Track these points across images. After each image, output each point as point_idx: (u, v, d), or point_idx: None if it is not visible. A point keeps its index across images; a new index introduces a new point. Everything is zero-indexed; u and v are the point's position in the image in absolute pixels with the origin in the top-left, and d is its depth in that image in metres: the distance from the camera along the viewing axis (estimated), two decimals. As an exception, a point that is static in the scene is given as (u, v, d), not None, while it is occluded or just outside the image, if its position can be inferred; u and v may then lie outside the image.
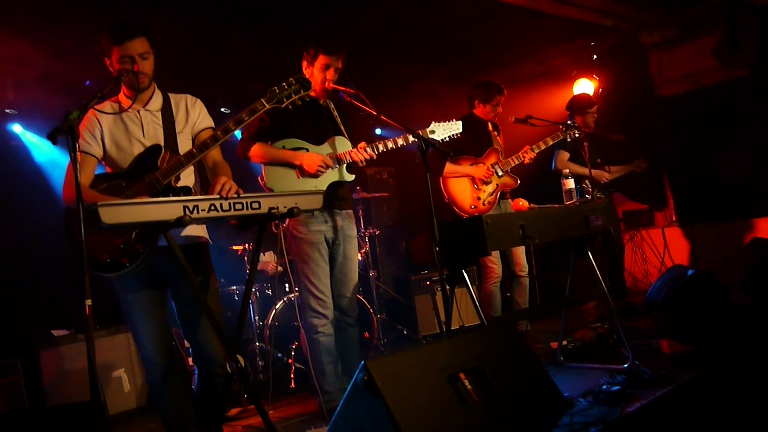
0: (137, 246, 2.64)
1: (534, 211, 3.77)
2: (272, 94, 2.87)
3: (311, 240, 3.60)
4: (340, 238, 3.70)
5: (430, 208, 3.23)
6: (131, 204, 2.34)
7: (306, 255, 3.59)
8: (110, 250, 2.65)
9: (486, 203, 4.78)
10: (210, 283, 2.94)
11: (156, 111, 2.94)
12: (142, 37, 2.76)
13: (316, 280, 3.59)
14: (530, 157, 4.82)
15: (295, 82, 2.92)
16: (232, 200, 2.54)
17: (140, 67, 2.78)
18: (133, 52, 2.75)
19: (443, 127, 3.86)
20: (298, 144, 3.63)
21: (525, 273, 4.91)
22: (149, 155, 2.80)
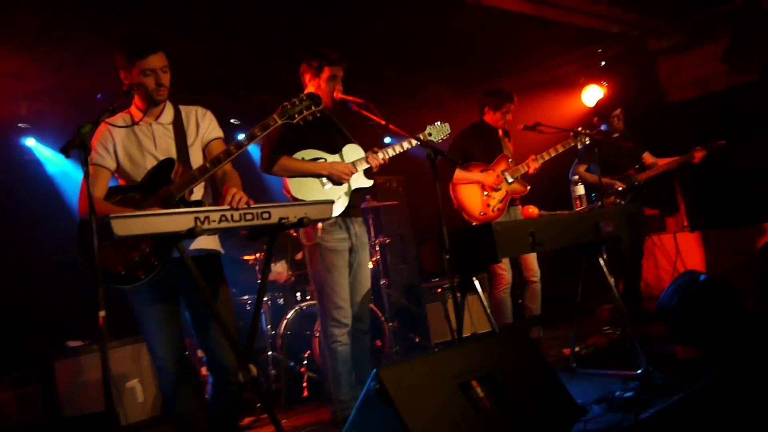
0: (152, 259, 2.65)
1: (544, 217, 3.76)
2: (284, 110, 2.89)
3: (337, 248, 3.64)
4: (357, 245, 3.73)
5: (439, 216, 3.22)
6: (143, 216, 2.35)
7: (331, 264, 3.62)
8: (125, 263, 2.67)
9: (495, 210, 4.77)
10: (222, 293, 2.96)
11: (168, 124, 2.96)
12: (162, 52, 2.81)
13: (339, 289, 3.62)
14: (534, 167, 4.81)
15: (306, 98, 2.94)
16: (242, 211, 2.55)
17: (162, 80, 2.83)
18: (156, 66, 2.79)
19: (437, 130, 3.95)
20: (316, 154, 3.68)
21: (537, 279, 4.89)
22: (162, 169, 2.82)
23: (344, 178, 3.63)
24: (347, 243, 3.67)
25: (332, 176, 3.61)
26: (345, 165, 3.65)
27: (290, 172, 3.61)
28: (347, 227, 3.68)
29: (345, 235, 3.66)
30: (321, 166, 3.63)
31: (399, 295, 6.47)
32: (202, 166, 2.76)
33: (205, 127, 3.03)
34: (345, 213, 3.65)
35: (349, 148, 3.77)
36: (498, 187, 4.81)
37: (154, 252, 2.66)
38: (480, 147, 4.93)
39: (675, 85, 6.87)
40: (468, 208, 4.81)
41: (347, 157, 3.74)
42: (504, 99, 4.92)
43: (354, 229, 3.73)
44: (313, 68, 3.70)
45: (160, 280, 2.74)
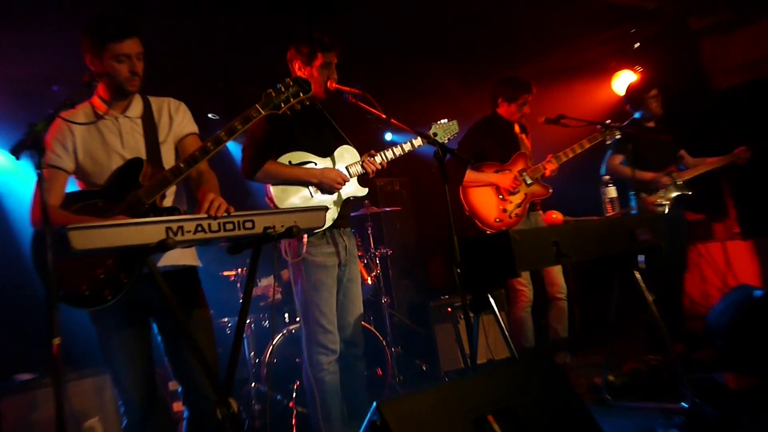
0: (121, 276, 2.66)
1: (569, 224, 3.77)
2: (267, 98, 2.90)
3: (325, 264, 3.65)
4: (347, 259, 3.76)
5: (449, 223, 3.24)
6: (106, 227, 2.36)
7: (318, 281, 3.63)
8: (89, 281, 2.67)
9: (513, 216, 4.79)
10: (200, 314, 2.97)
11: (136, 118, 2.98)
12: (137, 38, 2.83)
13: (327, 310, 3.63)
14: (552, 168, 4.83)
15: (293, 83, 2.95)
16: (221, 220, 2.56)
17: (137, 68, 2.84)
18: (132, 52, 2.81)
19: (443, 128, 3.94)
20: (304, 157, 3.70)
21: (563, 295, 4.89)
22: (129, 170, 2.83)
23: (336, 188, 3.65)
24: (335, 258, 3.69)
25: (322, 184, 3.64)
26: (338, 172, 3.67)
27: (276, 178, 3.63)
28: (335, 241, 3.70)
29: (333, 249, 3.68)
30: (311, 172, 3.65)
31: (403, 316, 6.47)
32: (174, 167, 2.77)
33: (179, 121, 3.05)
34: (333, 224, 3.67)
35: (342, 150, 3.79)
36: (515, 189, 4.83)
37: (122, 267, 2.67)
38: (494, 144, 4.95)
39: (722, 69, 6.88)
40: (482, 214, 4.82)
41: (340, 161, 3.76)
42: (521, 89, 4.94)
43: (343, 241, 3.75)
44: (303, 55, 3.72)
45: (129, 301, 2.74)
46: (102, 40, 2.78)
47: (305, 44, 3.71)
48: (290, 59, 3.79)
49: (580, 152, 4.89)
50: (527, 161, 4.93)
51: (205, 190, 2.74)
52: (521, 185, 4.85)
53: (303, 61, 3.73)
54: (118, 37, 2.77)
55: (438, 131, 3.95)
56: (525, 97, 4.96)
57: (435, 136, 3.90)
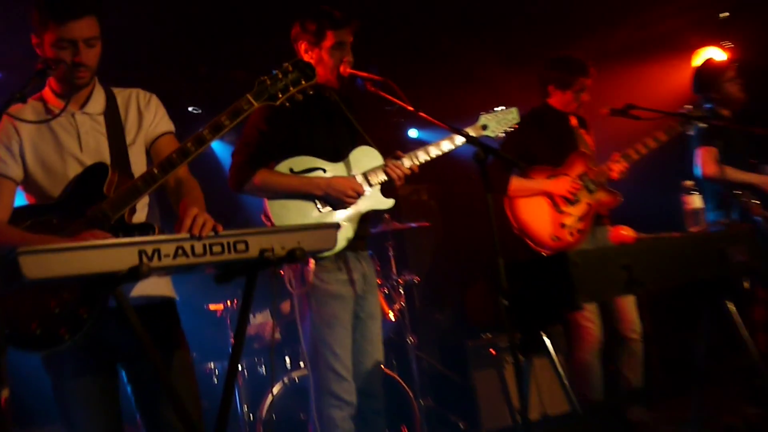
0: (80, 310, 2.65)
1: (643, 243, 3.74)
2: (261, 87, 2.90)
3: (340, 293, 3.65)
4: (365, 290, 3.76)
5: (493, 242, 3.23)
6: (65, 250, 2.36)
7: (331, 315, 3.62)
8: (41, 317, 2.66)
9: (574, 233, 4.76)
10: (179, 357, 2.97)
11: (97, 114, 2.99)
12: (91, 17, 2.81)
13: (341, 351, 3.61)
14: (620, 169, 4.80)
15: (293, 68, 2.94)
16: (207, 240, 2.56)
17: (83, 57, 2.82)
18: (78, 36, 2.79)
19: (496, 119, 3.92)
20: (311, 163, 3.69)
21: (637, 334, 4.84)
22: (90, 178, 2.84)
23: (347, 201, 3.64)
24: (351, 288, 3.68)
25: (330, 197, 3.63)
26: (349, 181, 3.66)
27: (269, 191, 3.63)
28: (349, 266, 3.69)
29: (347, 277, 3.68)
30: (314, 182, 3.64)
31: (434, 359, 6.45)
32: (146, 173, 2.78)
33: (150, 117, 3.06)
34: (348, 246, 3.66)
35: (359, 153, 3.78)
36: (575, 198, 4.80)
37: (81, 300, 2.66)
38: (545, 142, 4.93)
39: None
40: (533, 231, 4.80)
41: (356, 166, 3.75)
42: (576, 71, 4.92)
43: (360, 267, 3.74)
44: (310, 33, 3.73)
45: (91, 342, 2.74)
46: (44, 18, 2.77)
47: (312, 20, 3.73)
48: (295, 39, 3.81)
49: (654, 148, 4.86)
50: (588, 162, 4.90)
51: (186, 204, 2.74)
52: (582, 192, 4.82)
53: (310, 41, 3.74)
54: (61, 16, 2.74)
55: (489, 123, 3.90)
56: (583, 81, 4.94)
57: (485, 129, 3.87)
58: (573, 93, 4.95)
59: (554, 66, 5.00)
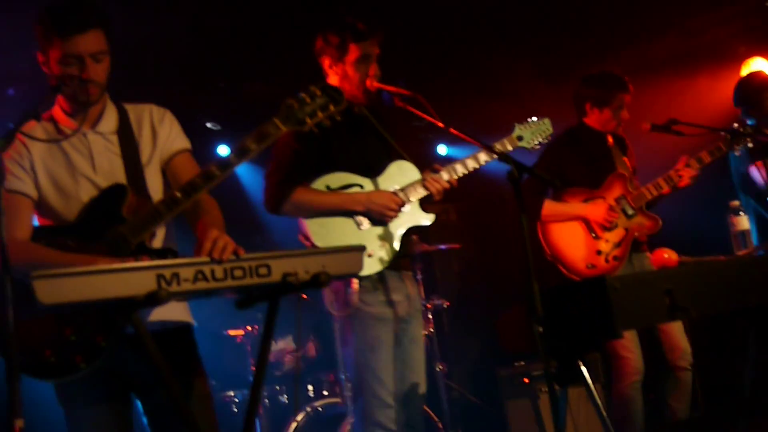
0: (97, 338, 2.67)
1: (686, 266, 3.72)
2: (288, 110, 2.92)
3: (384, 315, 3.67)
4: (410, 313, 3.78)
5: (527, 266, 3.21)
6: (81, 274, 2.37)
7: (374, 339, 3.63)
8: (55, 345, 2.68)
9: (610, 259, 4.73)
10: (197, 386, 2.97)
11: (110, 133, 3.00)
12: (98, 30, 2.82)
13: (385, 376, 3.62)
14: (691, 175, 4.75)
15: (321, 92, 2.96)
16: (228, 264, 2.56)
17: (90, 72, 2.83)
18: (84, 51, 2.80)
19: (531, 130, 3.95)
20: (347, 180, 3.72)
21: (688, 363, 4.77)
22: (108, 200, 2.85)
23: (389, 215, 3.65)
24: (392, 310, 3.69)
25: (371, 213, 3.65)
26: (389, 195, 3.68)
27: (309, 210, 3.65)
28: (391, 287, 3.70)
29: (393, 298, 3.69)
30: (354, 198, 3.67)
31: (464, 388, 6.42)
32: (169, 197, 2.79)
33: (165, 135, 3.07)
34: (391, 265, 3.66)
35: (396, 167, 3.80)
36: (612, 224, 4.78)
37: (98, 326, 2.68)
38: (581, 164, 4.91)
39: None
40: (567, 257, 4.78)
41: (393, 181, 3.77)
42: (615, 88, 4.90)
43: (404, 288, 3.76)
44: (333, 47, 3.75)
45: (105, 370, 2.76)
46: (48, 34, 2.79)
47: (334, 33, 3.74)
48: (318, 53, 3.83)
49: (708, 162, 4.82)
50: (627, 185, 4.87)
51: (205, 225, 2.74)
52: (619, 217, 4.79)
53: (333, 55, 3.76)
54: (66, 30, 2.75)
55: (524, 133, 3.95)
56: (621, 97, 4.91)
57: (520, 141, 3.89)
58: (611, 111, 4.92)
59: (590, 83, 4.98)
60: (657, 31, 7.21)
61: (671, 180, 4.77)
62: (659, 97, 6.65)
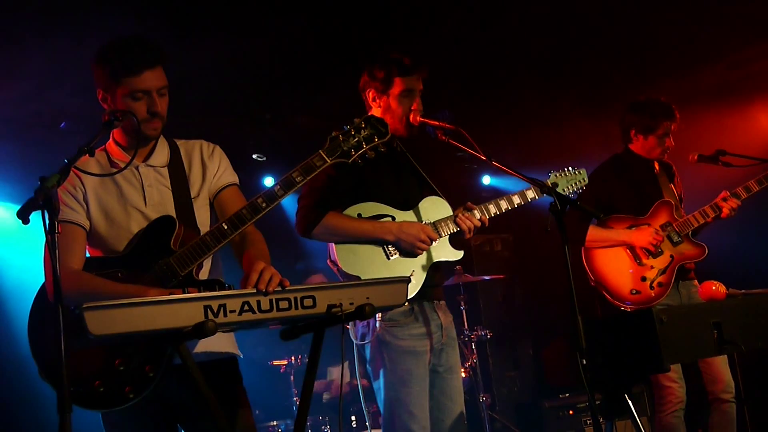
0: (146, 368, 2.71)
1: (735, 299, 3.67)
2: (334, 142, 2.96)
3: (415, 349, 3.64)
4: (445, 343, 3.75)
5: (570, 296, 3.21)
6: (130, 305, 2.42)
7: (406, 372, 3.61)
8: (104, 374, 2.72)
9: (655, 286, 4.70)
10: (242, 417, 2.99)
11: (161, 167, 3.06)
12: (161, 66, 2.92)
13: (418, 411, 3.59)
14: (732, 206, 4.72)
15: (365, 125, 3.00)
16: (274, 296, 2.60)
17: (158, 107, 2.92)
18: (152, 86, 2.89)
19: (566, 178, 3.94)
20: (380, 210, 3.73)
21: (731, 395, 4.73)
22: (157, 232, 2.90)
23: (420, 247, 3.65)
24: (427, 342, 3.68)
25: (401, 243, 3.64)
26: (421, 226, 3.68)
27: (340, 234, 3.66)
28: (426, 317, 3.69)
29: (424, 330, 3.68)
30: (386, 227, 3.66)
31: (508, 420, 6.38)
32: (216, 228, 2.83)
33: (214, 169, 3.12)
34: (422, 294, 3.67)
35: (429, 202, 3.81)
36: (657, 249, 4.75)
37: (147, 357, 2.71)
38: (627, 190, 4.90)
39: None
40: (612, 284, 4.76)
41: (426, 216, 3.78)
42: (660, 115, 4.89)
43: (437, 318, 3.74)
44: (378, 81, 3.78)
45: (153, 401, 2.79)
46: (114, 72, 2.87)
47: (380, 67, 3.77)
48: (363, 87, 3.86)
49: (745, 198, 4.80)
50: (673, 212, 4.85)
51: (252, 257, 2.78)
52: (665, 244, 4.77)
53: (378, 89, 3.78)
54: (135, 68, 2.84)
55: (559, 181, 3.93)
56: (666, 125, 4.90)
57: (555, 187, 3.87)
58: (656, 138, 4.91)
59: (636, 110, 4.98)
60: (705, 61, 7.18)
61: (717, 209, 4.74)
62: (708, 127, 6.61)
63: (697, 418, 4.94)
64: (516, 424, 6.44)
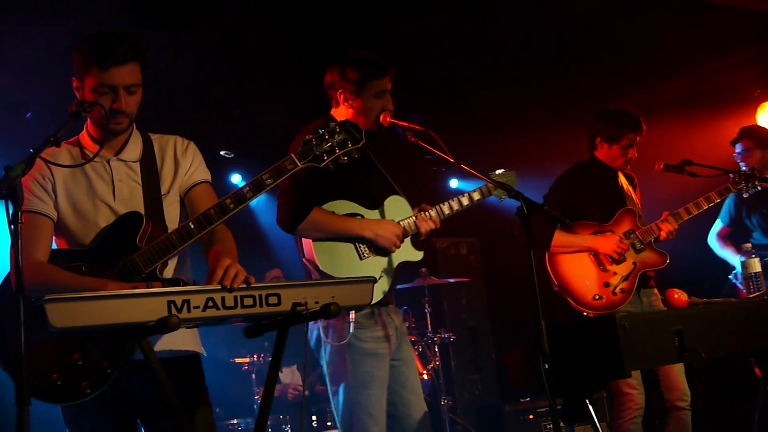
0: (104, 364, 2.68)
1: (697, 308, 3.71)
2: (306, 147, 2.94)
3: (377, 351, 3.64)
4: (400, 341, 3.76)
5: (534, 301, 3.22)
6: (93, 299, 2.39)
7: (368, 374, 3.60)
8: (62, 369, 2.69)
9: (618, 292, 4.73)
10: (202, 415, 2.97)
11: (133, 162, 3.03)
12: (135, 63, 2.88)
13: (378, 413, 3.59)
14: (669, 230, 4.78)
15: (340, 129, 2.99)
16: (239, 292, 2.58)
17: (122, 104, 2.88)
18: (119, 83, 2.85)
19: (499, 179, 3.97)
20: (351, 208, 3.71)
21: (686, 403, 4.78)
22: (124, 228, 2.88)
23: (396, 245, 3.65)
24: (387, 345, 3.67)
25: (379, 240, 3.63)
26: (396, 225, 3.68)
27: (324, 231, 3.63)
28: (384, 322, 3.69)
29: (383, 333, 3.67)
30: (366, 225, 3.65)
31: (469, 423, 6.39)
32: (183, 227, 2.81)
33: (187, 165, 3.10)
34: (383, 300, 3.65)
35: (392, 202, 3.80)
36: (620, 256, 4.79)
37: (105, 353, 2.69)
38: (592, 198, 4.93)
39: None
40: (575, 289, 4.78)
41: (391, 215, 3.77)
42: (626, 126, 4.91)
43: (392, 321, 3.74)
44: (350, 82, 3.74)
45: (113, 396, 2.76)
46: (86, 63, 2.84)
47: (353, 69, 3.73)
48: (331, 86, 3.82)
49: (706, 209, 4.85)
50: (636, 220, 4.89)
51: (218, 254, 2.76)
52: (629, 251, 4.81)
53: (350, 90, 3.75)
54: (105, 61, 2.81)
55: None
56: (631, 137, 4.93)
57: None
58: (620, 148, 4.93)
59: (603, 119, 5.00)
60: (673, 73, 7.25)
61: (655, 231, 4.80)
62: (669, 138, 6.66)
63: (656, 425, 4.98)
64: (477, 427, 6.45)
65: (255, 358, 5.57)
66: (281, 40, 5.73)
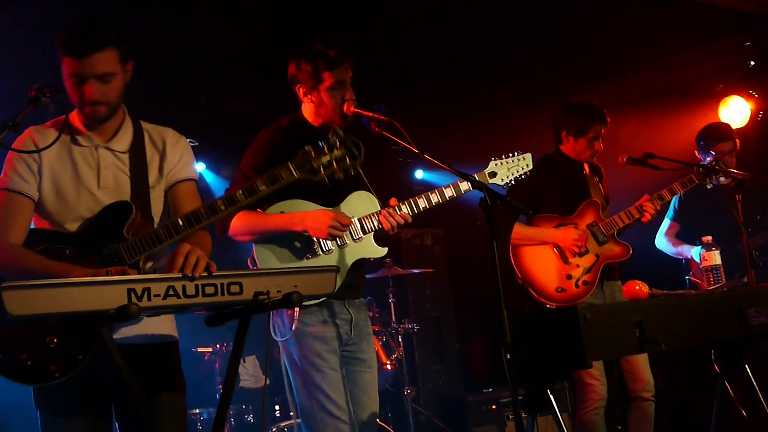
0: (75, 349, 2.66)
1: (657, 300, 3.74)
2: (305, 157, 2.94)
3: (324, 335, 3.62)
4: (355, 338, 3.74)
5: (497, 292, 3.22)
6: (51, 286, 2.38)
7: (317, 356, 3.60)
8: (33, 350, 2.67)
9: (580, 284, 4.76)
10: (170, 400, 2.97)
11: (122, 152, 3.00)
12: (110, 50, 2.82)
13: (334, 393, 3.58)
14: (651, 212, 4.81)
15: (340, 145, 2.99)
16: (200, 281, 2.57)
17: (93, 94, 2.83)
18: (89, 72, 2.80)
19: (507, 165, 3.93)
20: (303, 207, 3.65)
21: (650, 394, 4.82)
22: (113, 217, 2.86)
23: (333, 233, 3.56)
24: (333, 328, 3.65)
25: (311, 231, 3.55)
26: (334, 213, 3.59)
27: (249, 231, 3.61)
28: (333, 313, 3.66)
29: (330, 319, 3.65)
30: (292, 218, 3.58)
31: (432, 413, 6.41)
32: (171, 224, 2.80)
33: (175, 159, 3.09)
34: (335, 296, 3.46)
35: (356, 197, 3.76)
36: (582, 248, 4.81)
37: (78, 339, 2.67)
38: (556, 190, 4.96)
39: None
40: (538, 281, 4.81)
41: (352, 211, 3.72)
42: (592, 119, 4.94)
43: (347, 314, 3.71)
44: (306, 75, 3.71)
45: (86, 380, 2.75)
46: (60, 51, 2.81)
47: (306, 62, 3.69)
48: (292, 81, 3.78)
49: (669, 200, 4.89)
50: (600, 212, 4.91)
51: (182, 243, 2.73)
52: (590, 243, 4.82)
53: (308, 83, 3.70)
54: (77, 50, 2.77)
55: (499, 170, 3.92)
56: (597, 129, 4.95)
57: (493, 177, 3.86)
58: (586, 141, 4.95)
59: (568, 112, 5.02)
60: (637, 67, 7.30)
61: (641, 210, 4.82)
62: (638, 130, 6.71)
63: (617, 416, 5.02)
64: (440, 417, 6.47)
65: (218, 347, 5.55)
66: (247, 29, 5.70)
